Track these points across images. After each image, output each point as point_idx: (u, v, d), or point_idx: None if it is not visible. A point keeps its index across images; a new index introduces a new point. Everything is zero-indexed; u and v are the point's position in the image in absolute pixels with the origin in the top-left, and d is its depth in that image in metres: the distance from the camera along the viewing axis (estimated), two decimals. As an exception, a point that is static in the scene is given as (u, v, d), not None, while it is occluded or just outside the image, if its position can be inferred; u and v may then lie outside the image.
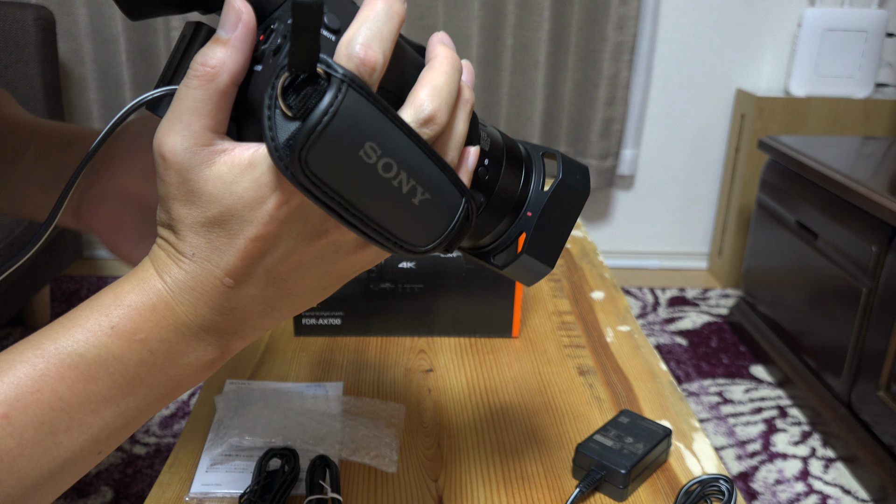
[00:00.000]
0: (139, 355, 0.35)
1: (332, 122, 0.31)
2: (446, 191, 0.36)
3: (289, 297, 0.37)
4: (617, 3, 1.98)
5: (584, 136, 2.13)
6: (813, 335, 1.59)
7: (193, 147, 0.33)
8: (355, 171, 0.32)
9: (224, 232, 0.34)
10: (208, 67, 0.33)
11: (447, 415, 0.71)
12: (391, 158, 0.33)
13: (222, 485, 0.61)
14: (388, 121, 0.32)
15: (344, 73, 0.31)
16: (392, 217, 0.34)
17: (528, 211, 0.44)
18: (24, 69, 1.69)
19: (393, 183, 0.33)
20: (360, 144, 0.32)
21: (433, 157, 0.34)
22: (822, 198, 1.55)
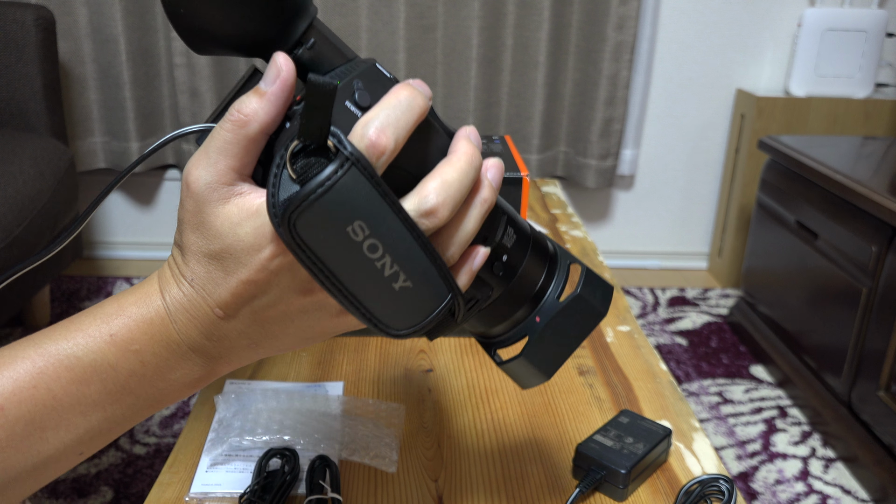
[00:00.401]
0: (131, 365, 0.37)
1: (325, 195, 0.33)
2: (432, 283, 0.36)
3: (272, 339, 0.39)
4: (617, 3, 1.98)
5: (584, 136, 2.13)
6: (813, 335, 1.59)
7: (215, 183, 0.36)
8: (340, 244, 0.34)
9: (221, 267, 0.36)
10: (242, 115, 0.35)
11: (447, 415, 0.71)
12: (378, 241, 0.34)
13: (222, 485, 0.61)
14: (384, 205, 0.34)
15: (351, 151, 0.33)
16: (370, 296, 0.35)
17: (538, 316, 0.44)
18: (24, 69, 1.69)
19: (376, 264, 0.34)
20: (349, 221, 0.33)
21: (426, 248, 0.35)
22: (822, 198, 1.55)
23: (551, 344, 0.44)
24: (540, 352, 0.44)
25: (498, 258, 0.42)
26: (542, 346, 0.44)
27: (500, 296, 0.43)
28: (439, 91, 2.09)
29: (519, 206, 0.78)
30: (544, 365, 0.45)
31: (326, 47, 0.38)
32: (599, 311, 0.45)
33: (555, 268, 0.45)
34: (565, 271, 0.45)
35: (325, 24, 1.98)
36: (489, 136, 0.93)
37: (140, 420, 0.40)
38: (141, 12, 1.98)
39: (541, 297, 0.44)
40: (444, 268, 0.36)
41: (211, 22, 0.36)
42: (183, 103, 2.01)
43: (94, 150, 2.09)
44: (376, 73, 0.37)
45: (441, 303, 0.37)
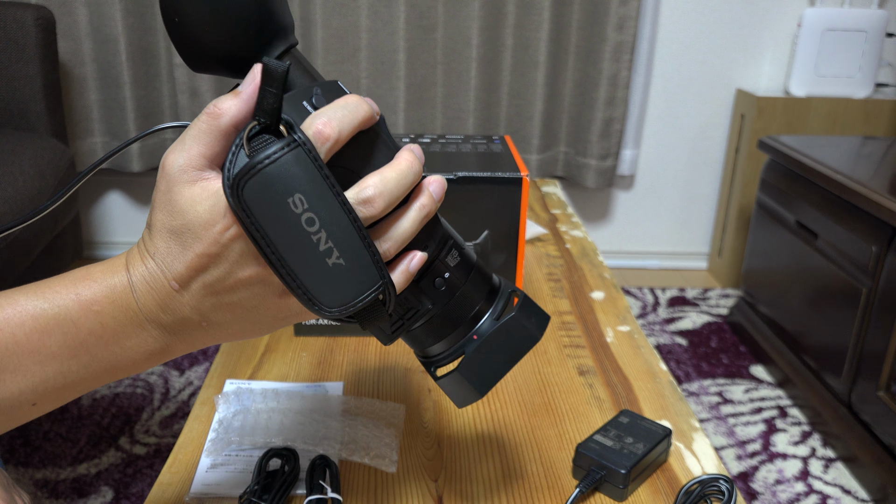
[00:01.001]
0: (91, 324, 0.41)
1: (270, 165, 0.37)
2: (364, 266, 0.40)
3: (223, 315, 0.42)
4: (617, 3, 1.98)
5: (584, 136, 2.13)
6: (813, 335, 1.59)
7: (186, 166, 0.40)
8: (280, 213, 0.38)
9: (180, 242, 0.40)
10: (217, 108, 0.40)
11: (447, 415, 0.71)
12: (315, 215, 0.38)
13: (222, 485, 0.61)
14: (325, 186, 0.38)
15: (299, 136, 0.38)
16: (304, 268, 0.39)
17: (475, 335, 0.47)
18: (24, 69, 1.69)
19: (312, 237, 0.38)
20: (290, 193, 0.37)
21: (359, 231, 0.39)
22: (822, 198, 1.55)
23: (486, 362, 0.47)
24: (474, 368, 0.47)
25: (440, 275, 0.46)
26: (476, 363, 0.47)
27: (439, 312, 0.46)
28: (439, 91, 2.09)
29: (519, 206, 0.78)
30: (478, 382, 0.47)
31: (300, 70, 0.43)
32: (534, 335, 0.48)
33: (495, 295, 0.48)
34: (506, 299, 0.48)
35: (326, 24, 1.98)
36: (489, 136, 0.93)
37: (95, 386, 0.43)
38: (141, 12, 1.98)
39: (479, 320, 0.47)
40: (377, 255, 0.40)
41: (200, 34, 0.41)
42: (183, 103, 2.01)
43: (94, 150, 2.09)
44: (335, 86, 0.43)
45: (371, 287, 0.40)
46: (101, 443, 1.45)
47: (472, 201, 0.78)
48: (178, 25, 0.41)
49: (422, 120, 2.12)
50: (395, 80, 2.05)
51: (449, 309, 0.46)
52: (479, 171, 0.77)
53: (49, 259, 1.70)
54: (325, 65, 2.03)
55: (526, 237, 1.15)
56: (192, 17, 0.40)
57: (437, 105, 2.11)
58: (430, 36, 2.03)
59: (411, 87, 2.06)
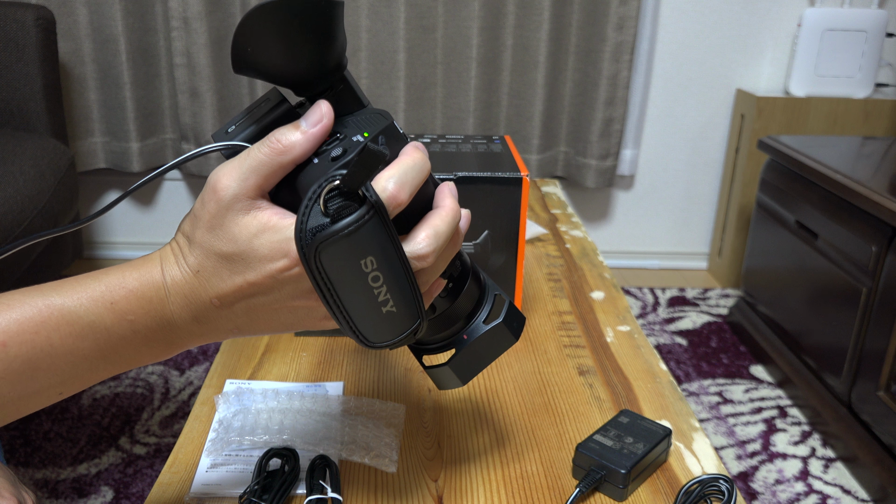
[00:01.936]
0: (124, 331, 0.42)
1: (353, 234, 0.39)
2: (410, 310, 0.43)
3: (256, 327, 0.45)
4: (617, 3, 1.98)
5: (584, 136, 2.13)
6: (813, 335, 1.59)
7: (241, 195, 0.41)
8: (351, 273, 0.40)
9: (229, 266, 0.41)
10: (281, 144, 0.41)
11: (447, 415, 0.71)
12: (380, 273, 0.41)
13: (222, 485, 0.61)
14: (392, 247, 0.40)
15: (377, 199, 0.39)
16: (361, 314, 0.42)
17: (465, 335, 0.52)
18: (24, 69, 1.69)
19: (374, 291, 0.41)
20: (364, 255, 0.40)
21: (412, 284, 0.42)
22: (822, 198, 1.55)
23: (472, 358, 0.53)
24: (462, 364, 0.53)
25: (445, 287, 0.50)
26: (464, 359, 0.52)
27: (440, 314, 0.51)
28: (439, 91, 2.09)
29: (519, 206, 0.78)
30: (463, 374, 0.53)
31: (350, 95, 0.45)
32: (513, 338, 0.53)
33: (484, 296, 0.53)
34: (491, 300, 0.53)
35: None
36: (489, 136, 0.93)
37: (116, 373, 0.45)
38: (141, 12, 1.98)
39: (471, 318, 0.52)
40: (421, 299, 0.43)
41: (270, 63, 0.41)
42: (183, 103, 2.01)
43: (94, 150, 2.09)
44: (395, 131, 0.45)
45: (412, 325, 0.44)
46: (101, 443, 1.45)
47: (472, 201, 0.78)
48: (248, 54, 0.41)
49: (422, 120, 2.12)
50: (395, 80, 2.05)
51: (449, 311, 0.51)
52: (479, 171, 0.77)
53: (49, 259, 1.70)
54: (325, 65, 2.03)
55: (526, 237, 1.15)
56: (264, 50, 0.41)
57: (437, 105, 2.11)
58: (430, 36, 2.03)
59: (411, 87, 2.06)
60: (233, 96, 2.08)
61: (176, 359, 1.74)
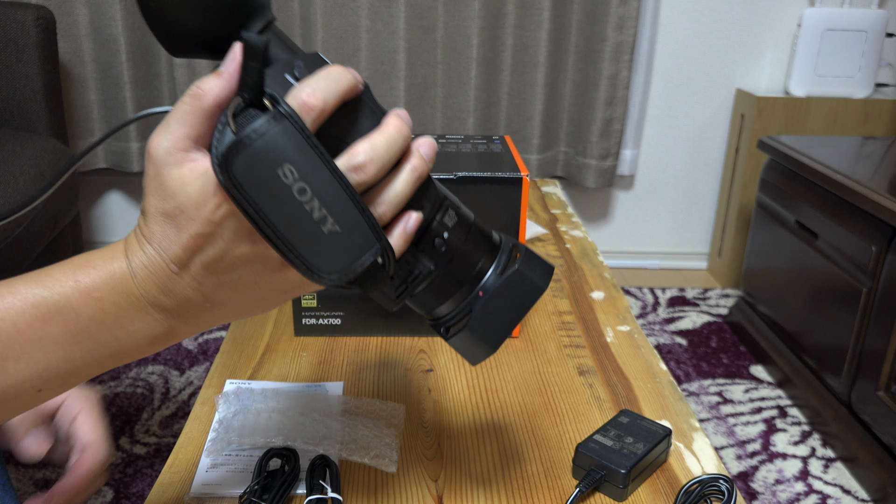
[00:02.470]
0: (92, 310, 0.41)
1: (258, 140, 0.37)
2: (359, 230, 0.39)
3: (225, 294, 0.42)
4: (617, 3, 1.98)
5: (584, 136, 2.13)
6: (813, 335, 1.59)
7: (171, 148, 0.40)
8: (271, 186, 0.38)
9: (174, 224, 0.40)
10: (199, 89, 0.40)
11: (447, 415, 0.71)
12: (306, 184, 0.38)
13: (222, 485, 0.61)
14: (314, 155, 0.38)
15: (284, 108, 0.38)
16: (300, 238, 0.39)
17: (481, 291, 0.47)
18: (24, 69, 1.69)
19: (305, 207, 0.38)
20: (279, 164, 0.37)
21: (353, 197, 0.39)
22: (822, 198, 1.55)
23: (493, 317, 0.47)
24: (483, 324, 0.47)
25: (438, 235, 0.45)
26: (484, 318, 0.47)
27: (442, 273, 0.46)
28: (439, 91, 2.09)
29: (519, 206, 0.78)
30: (488, 337, 0.48)
31: (280, 45, 0.43)
32: (539, 286, 0.48)
33: (496, 251, 0.48)
34: (508, 253, 0.48)
35: (326, 24, 1.98)
36: (489, 136, 0.93)
37: (101, 370, 0.43)
38: (141, 12, 1.98)
39: (482, 276, 0.47)
40: (372, 219, 0.40)
41: (176, 15, 0.40)
42: (183, 103, 2.01)
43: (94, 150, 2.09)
44: (317, 58, 0.42)
45: (368, 250, 0.40)
46: (101, 443, 1.45)
47: (472, 201, 0.78)
48: (153, 10, 0.41)
49: (422, 120, 2.12)
50: (395, 80, 2.05)
51: (451, 268, 0.46)
52: (479, 171, 0.77)
53: (49, 259, 1.70)
54: (325, 65, 2.03)
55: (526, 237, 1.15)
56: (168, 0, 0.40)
57: (437, 105, 2.11)
58: (430, 36, 2.03)
59: (411, 87, 2.06)
60: (233, 96, 2.08)
61: (176, 358, 1.74)
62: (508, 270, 0.47)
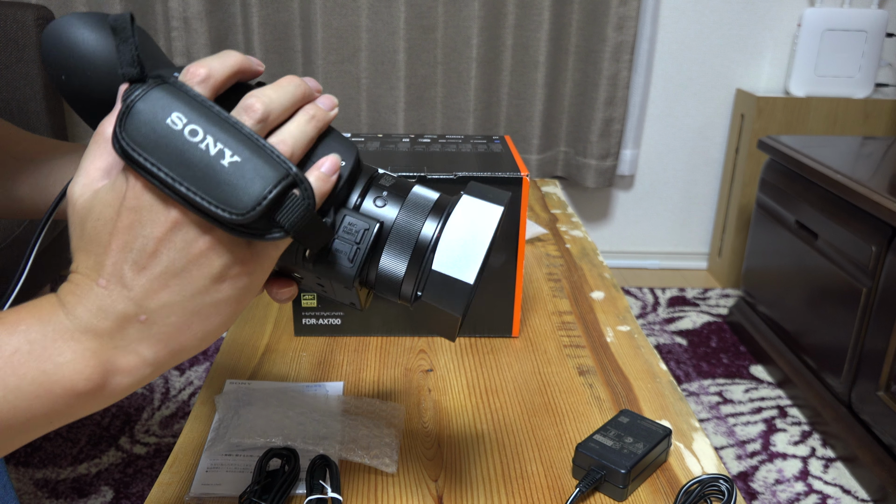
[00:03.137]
0: (17, 342, 0.38)
1: (142, 97, 0.38)
2: (262, 158, 0.39)
3: (157, 297, 0.40)
4: (617, 3, 1.98)
5: (584, 136, 2.13)
6: (813, 335, 1.59)
7: (86, 182, 0.40)
8: (163, 135, 0.38)
9: (95, 241, 0.40)
10: (100, 128, 0.41)
11: (447, 415, 0.71)
12: (196, 126, 0.38)
13: (222, 485, 0.61)
14: (198, 103, 0.39)
15: (168, 77, 0.39)
16: (200, 176, 0.38)
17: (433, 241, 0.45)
18: (24, 69, 1.69)
19: (199, 145, 0.38)
20: (167, 115, 0.38)
21: (244, 129, 0.39)
22: (822, 198, 1.55)
23: (457, 249, 0.45)
24: (448, 258, 0.45)
25: (378, 195, 0.46)
26: (447, 254, 0.45)
27: (389, 231, 0.45)
28: (439, 91, 2.09)
29: (519, 206, 0.78)
30: (459, 267, 0.45)
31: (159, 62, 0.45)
32: (495, 206, 0.46)
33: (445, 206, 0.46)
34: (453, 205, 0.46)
35: (326, 24, 1.98)
36: (489, 136, 0.93)
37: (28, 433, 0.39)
38: (141, 12, 1.98)
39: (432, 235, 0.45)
40: (274, 150, 0.39)
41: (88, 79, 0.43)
42: (183, 103, 2.01)
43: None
44: None
45: (278, 178, 0.39)
46: (101, 443, 1.45)
47: (472, 201, 0.78)
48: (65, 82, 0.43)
49: (422, 120, 2.12)
50: (395, 80, 2.05)
51: (399, 226, 0.45)
52: (479, 171, 0.77)
53: (49, 259, 1.70)
54: (326, 65, 2.03)
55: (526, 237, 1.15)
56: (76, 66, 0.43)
57: (437, 105, 2.11)
58: (430, 36, 2.03)
59: (411, 87, 2.06)
60: (233, 96, 2.08)
61: (176, 359, 1.74)
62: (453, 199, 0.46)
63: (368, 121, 2.11)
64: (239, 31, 2.02)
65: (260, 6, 1.95)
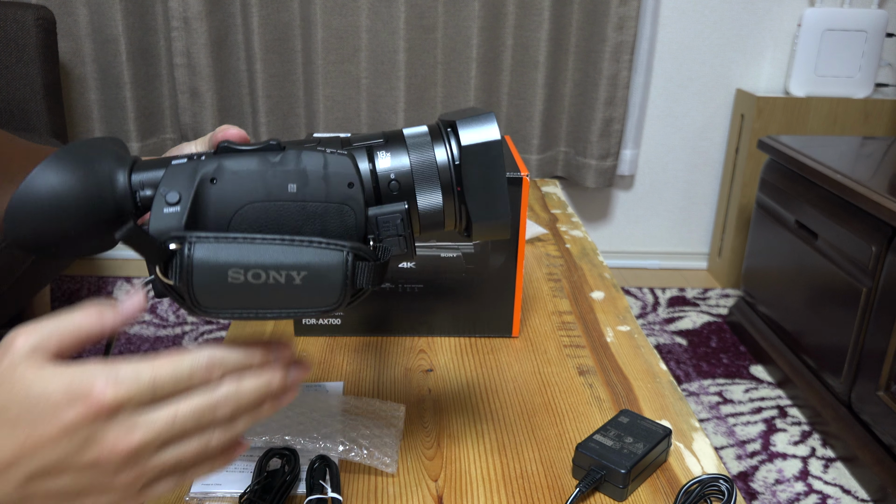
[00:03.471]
0: None
1: (193, 269, 0.39)
2: (320, 258, 0.41)
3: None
4: (617, 3, 1.98)
5: (584, 136, 2.13)
6: (813, 335, 1.59)
7: (37, 347, 0.38)
8: (234, 290, 0.40)
9: (10, 426, 0.37)
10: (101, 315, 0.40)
11: (447, 415, 0.71)
12: (253, 269, 0.40)
13: (222, 485, 0.61)
14: (239, 244, 0.40)
15: (183, 235, 0.39)
16: (290, 301, 0.41)
17: (458, 186, 0.48)
18: (24, 69, 1.69)
19: (269, 282, 0.40)
20: (225, 269, 0.40)
21: (291, 242, 0.41)
22: (822, 198, 1.55)
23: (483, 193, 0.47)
24: (481, 206, 0.47)
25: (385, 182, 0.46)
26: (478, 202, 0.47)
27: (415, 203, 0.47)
28: (439, 91, 2.09)
29: (519, 206, 0.78)
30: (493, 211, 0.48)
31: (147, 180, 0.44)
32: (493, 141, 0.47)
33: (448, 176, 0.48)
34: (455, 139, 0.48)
35: (326, 24, 1.98)
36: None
37: None
38: (141, 12, 1.98)
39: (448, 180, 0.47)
40: (319, 241, 0.41)
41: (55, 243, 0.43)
42: (183, 103, 2.01)
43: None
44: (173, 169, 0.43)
45: (342, 263, 0.41)
46: (101, 443, 1.45)
47: (472, 201, 0.78)
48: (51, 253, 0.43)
49: (422, 120, 2.12)
50: (395, 80, 2.05)
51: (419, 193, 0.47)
52: (479, 172, 0.77)
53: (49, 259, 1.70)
54: (325, 65, 2.03)
55: (526, 237, 1.15)
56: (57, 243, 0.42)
57: (437, 105, 2.11)
58: (430, 36, 2.03)
59: (411, 87, 2.06)
60: (233, 96, 2.08)
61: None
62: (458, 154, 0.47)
63: (368, 121, 2.11)
64: (239, 31, 2.02)
65: (260, 6, 1.95)
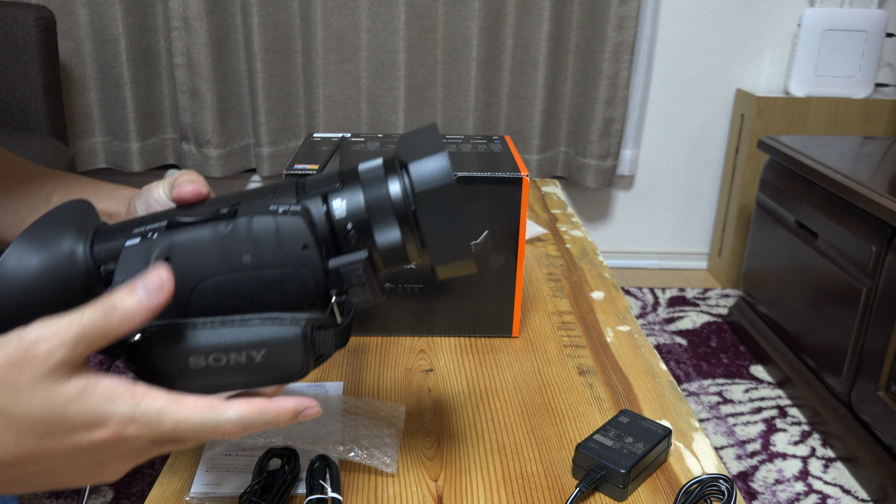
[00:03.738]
0: None
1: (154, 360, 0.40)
2: (278, 334, 0.42)
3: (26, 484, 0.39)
4: (617, 3, 1.98)
5: (584, 136, 2.13)
6: (813, 335, 1.59)
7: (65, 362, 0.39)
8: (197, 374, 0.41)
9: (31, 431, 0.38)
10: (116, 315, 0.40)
11: (447, 415, 0.71)
12: (215, 353, 0.41)
13: (222, 485, 0.61)
14: (198, 330, 0.41)
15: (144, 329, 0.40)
16: (253, 377, 0.42)
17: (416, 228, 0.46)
18: (24, 69, 1.69)
19: (230, 363, 0.41)
20: (186, 359, 0.41)
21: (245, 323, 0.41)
22: (821, 198, 1.55)
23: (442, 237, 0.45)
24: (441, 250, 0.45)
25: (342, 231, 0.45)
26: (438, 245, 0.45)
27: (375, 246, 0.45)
28: (439, 91, 2.09)
29: (519, 206, 0.78)
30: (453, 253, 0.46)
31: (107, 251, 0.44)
32: (446, 185, 0.44)
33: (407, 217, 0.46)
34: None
35: (326, 24, 1.98)
36: (489, 136, 0.93)
37: None
38: (141, 12, 1.98)
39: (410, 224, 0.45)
40: (276, 316, 0.41)
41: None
42: (183, 103, 2.01)
43: (94, 150, 2.09)
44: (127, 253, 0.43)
45: (298, 334, 0.42)
46: (101, 443, 1.45)
47: (472, 201, 0.78)
48: None
49: (422, 120, 2.12)
50: (395, 80, 2.05)
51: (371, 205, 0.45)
52: (479, 171, 0.77)
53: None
54: (325, 65, 2.03)
55: (526, 237, 1.15)
56: None
57: (437, 105, 2.11)
58: (430, 36, 2.03)
59: (411, 87, 2.06)
60: (233, 96, 2.08)
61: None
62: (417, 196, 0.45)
63: (368, 121, 2.11)
64: (239, 31, 2.02)
65: (260, 6, 1.95)
